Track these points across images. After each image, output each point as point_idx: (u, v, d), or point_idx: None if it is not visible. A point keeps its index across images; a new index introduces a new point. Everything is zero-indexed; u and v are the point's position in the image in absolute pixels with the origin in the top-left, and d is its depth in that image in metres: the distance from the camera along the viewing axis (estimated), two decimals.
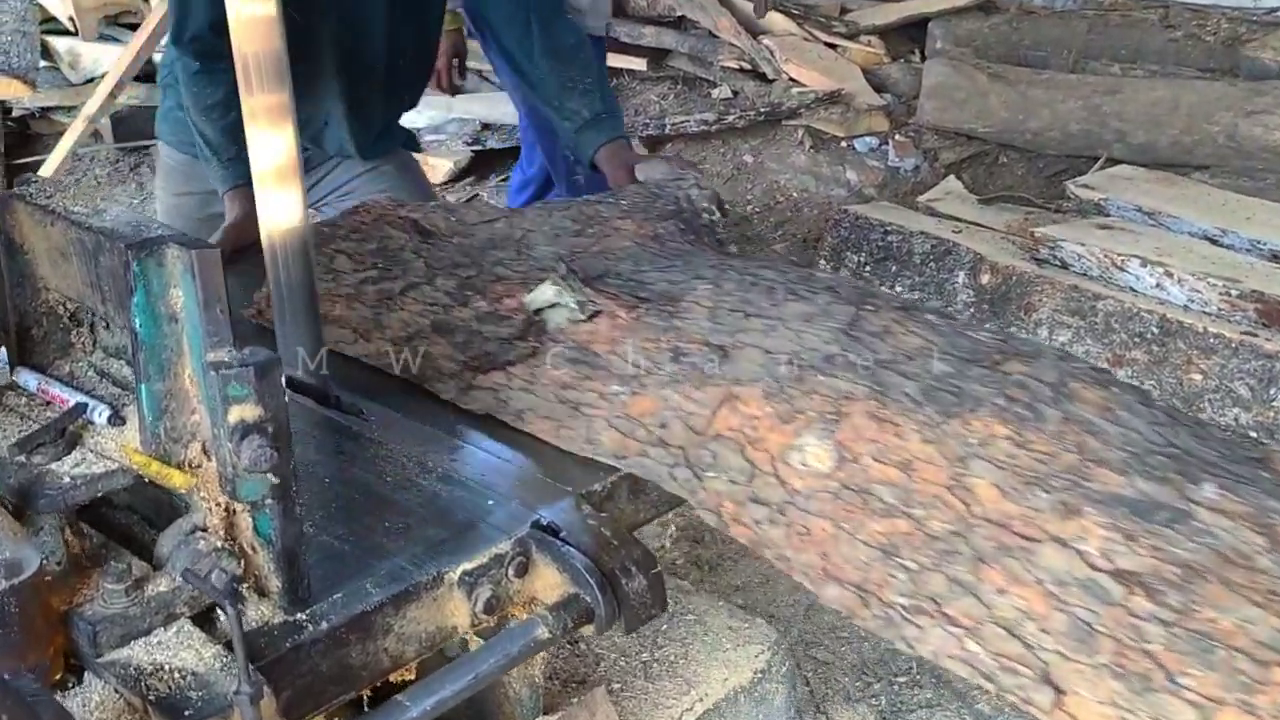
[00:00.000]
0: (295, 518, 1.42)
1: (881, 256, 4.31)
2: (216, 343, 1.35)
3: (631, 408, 1.72)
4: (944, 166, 5.45)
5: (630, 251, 2.08)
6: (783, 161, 5.81)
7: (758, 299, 1.84)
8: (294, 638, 1.43)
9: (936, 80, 5.60)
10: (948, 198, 4.89)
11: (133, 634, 1.36)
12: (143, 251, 1.34)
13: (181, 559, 1.41)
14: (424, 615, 1.53)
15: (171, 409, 1.40)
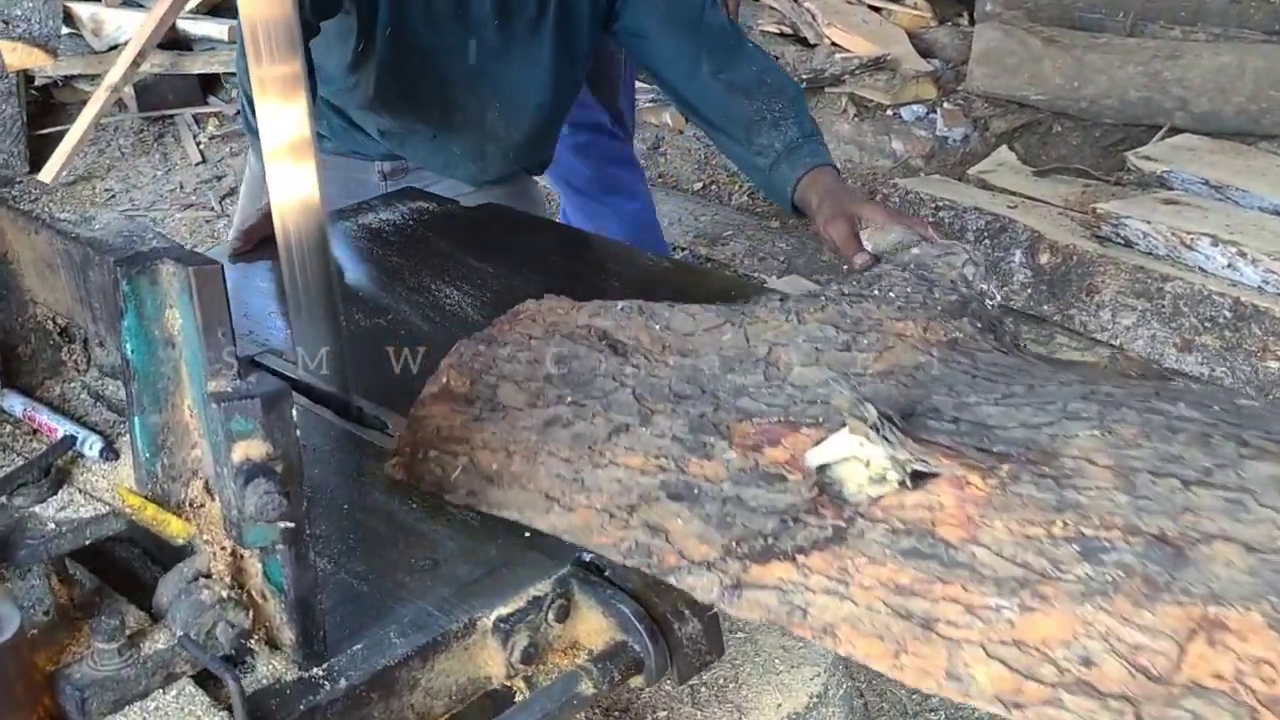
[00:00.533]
0: (309, 564, 1.26)
1: None
2: (218, 370, 1.19)
3: (1024, 631, 1.13)
4: (995, 136, 5.23)
5: (935, 372, 1.44)
6: (826, 130, 5.55)
7: (1190, 454, 1.19)
8: (309, 698, 1.27)
9: (987, 45, 5.38)
10: (1000, 169, 4.70)
11: (127, 698, 1.21)
12: (134, 268, 1.17)
13: (182, 611, 1.25)
14: (454, 667, 1.38)
15: (169, 444, 1.24)
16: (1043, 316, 3.86)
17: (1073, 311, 3.78)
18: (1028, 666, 1.11)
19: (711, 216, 4.92)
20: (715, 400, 1.47)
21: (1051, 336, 3.82)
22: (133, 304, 1.18)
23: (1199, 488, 1.14)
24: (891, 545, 1.22)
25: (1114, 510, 1.15)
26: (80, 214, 1.29)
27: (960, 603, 1.16)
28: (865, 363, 1.49)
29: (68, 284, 1.29)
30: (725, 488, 1.35)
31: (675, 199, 5.15)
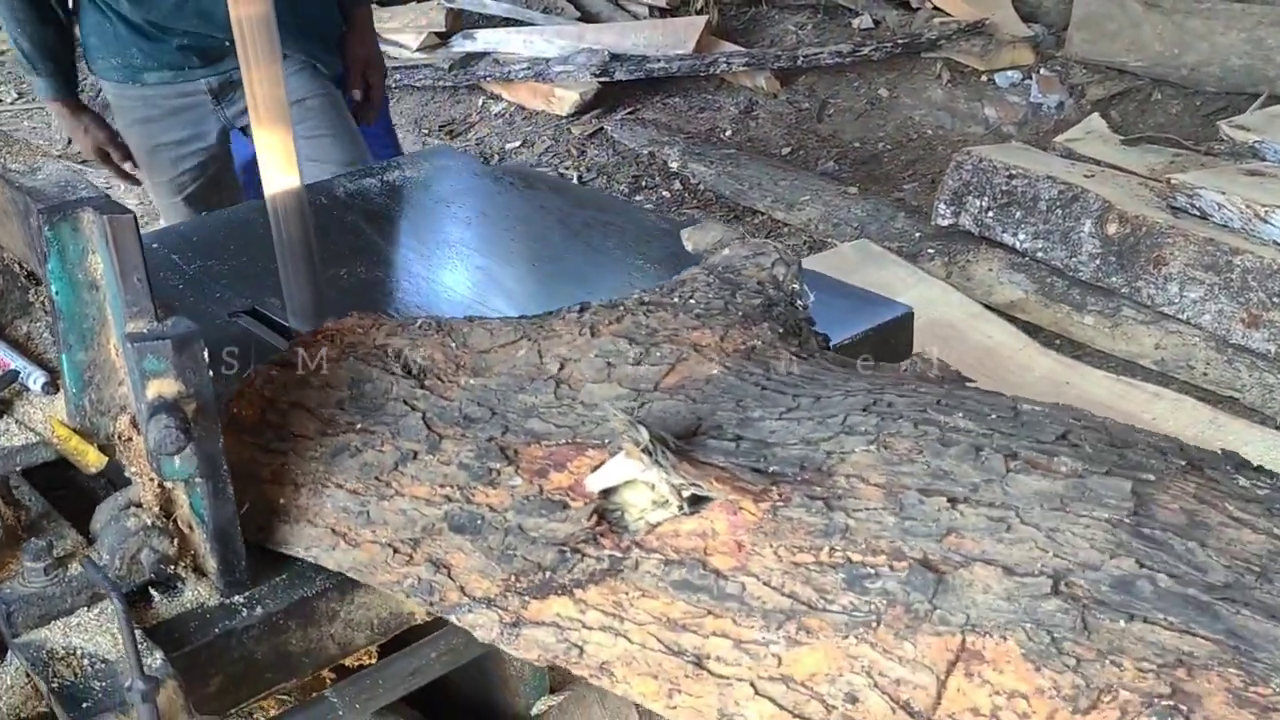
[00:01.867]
0: (227, 497, 1.34)
1: (1005, 202, 4.05)
2: (136, 313, 1.27)
3: (792, 666, 1.09)
4: (1090, 103, 5.10)
5: (725, 383, 1.39)
6: (918, 96, 5.53)
7: (960, 469, 1.16)
8: (226, 623, 1.36)
9: (1087, 9, 5.23)
10: (1088, 138, 4.58)
11: (52, 614, 1.31)
12: (56, 215, 1.26)
13: (110, 536, 1.35)
14: (374, 602, 1.45)
15: (96, 380, 1.33)
16: (1110, 288, 3.78)
17: (1140, 284, 3.69)
18: (795, 704, 1.07)
19: (791, 181, 4.91)
20: (505, 422, 1.41)
21: (1118, 309, 3.74)
22: (55, 248, 1.27)
23: (965, 506, 1.12)
24: (664, 576, 1.18)
25: (881, 533, 1.12)
26: (30, 165, 1.39)
27: (730, 637, 1.12)
28: (656, 377, 1.43)
29: (19, 230, 1.39)
30: (509, 517, 1.30)
31: (758, 163, 5.14)
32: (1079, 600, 1.01)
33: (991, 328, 3.65)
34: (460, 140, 5.87)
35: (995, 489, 1.12)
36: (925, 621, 1.05)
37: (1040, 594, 1.02)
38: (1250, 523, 1.05)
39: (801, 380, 1.39)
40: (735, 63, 5.80)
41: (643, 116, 5.79)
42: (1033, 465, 1.13)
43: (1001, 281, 3.99)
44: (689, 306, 1.57)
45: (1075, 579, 1.03)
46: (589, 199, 2.65)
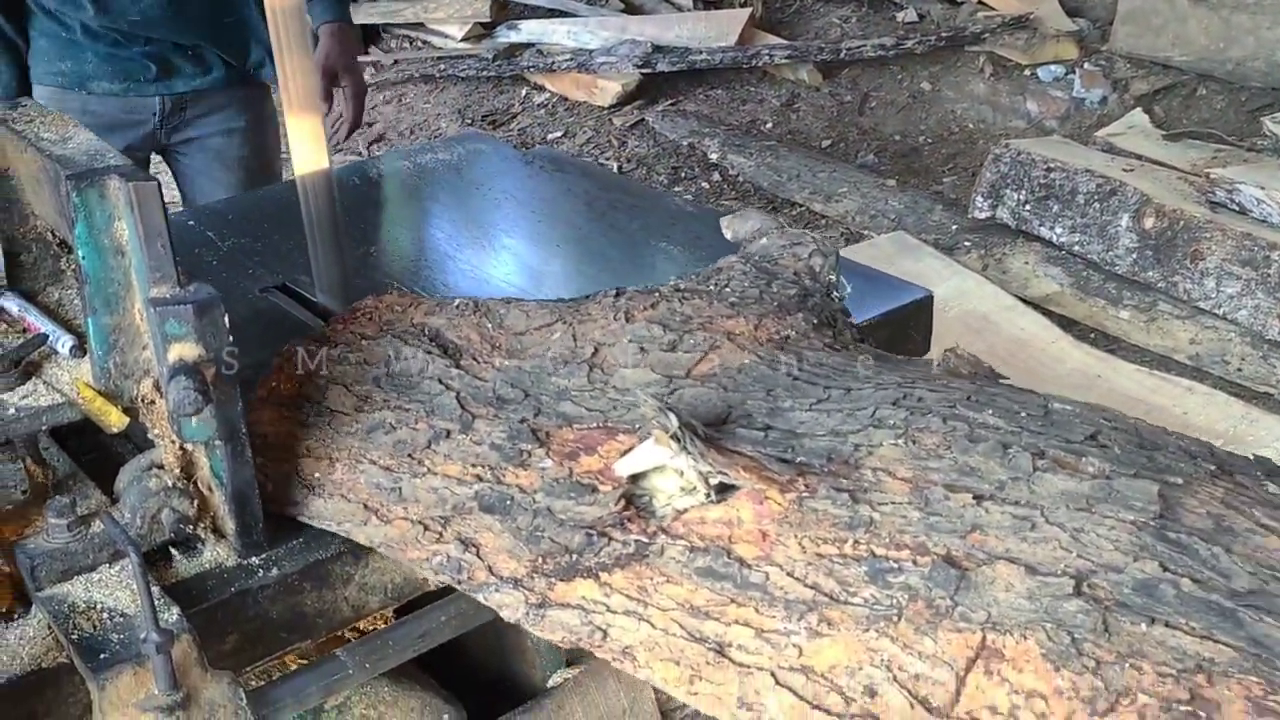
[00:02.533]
0: (246, 459, 1.38)
1: (1042, 195, 4.04)
2: (159, 278, 1.31)
3: (812, 657, 1.09)
4: (1134, 98, 5.06)
5: (756, 372, 1.39)
6: (960, 90, 5.51)
7: (987, 466, 1.15)
8: (242, 582, 1.40)
9: (1133, 4, 5.20)
10: (1130, 132, 4.56)
11: (74, 570, 1.35)
12: (83, 182, 1.30)
13: (132, 495, 1.39)
14: (389, 566, 1.48)
15: (121, 344, 1.37)
16: (1146, 283, 3.76)
17: (1177, 279, 3.66)
18: (815, 695, 1.06)
19: (830, 173, 4.91)
20: (538, 404, 1.42)
21: (1154, 303, 3.72)
22: (83, 214, 1.31)
23: (990, 503, 1.11)
24: (689, 564, 1.18)
25: (905, 528, 1.12)
26: (60, 134, 1.43)
27: (752, 626, 1.12)
28: (689, 364, 1.43)
29: (51, 198, 1.43)
30: (538, 498, 1.30)
31: (798, 155, 5.15)
32: (1101, 602, 1.00)
33: (1025, 320, 3.64)
34: (503, 131, 5.91)
35: (1021, 487, 1.11)
36: (946, 617, 1.04)
37: (1062, 594, 1.01)
38: (1278, 530, 1.03)
39: (833, 372, 1.38)
40: (778, 55, 5.80)
41: (684, 108, 5.81)
42: (1060, 465, 1.12)
43: (1037, 275, 3.98)
44: (724, 295, 1.57)
45: (1098, 580, 1.01)
46: (616, 183, 2.68)
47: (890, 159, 5.22)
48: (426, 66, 6.45)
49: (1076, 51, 5.38)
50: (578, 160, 2.65)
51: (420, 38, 6.85)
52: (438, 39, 6.72)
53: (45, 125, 1.46)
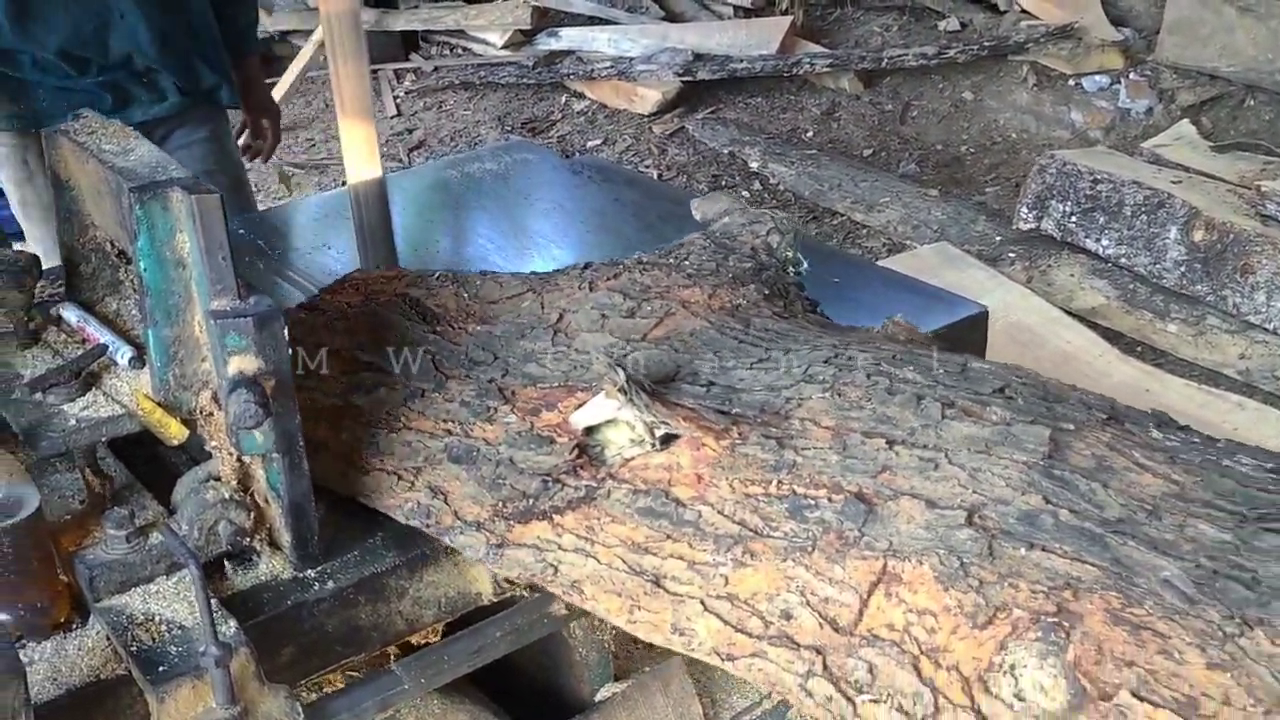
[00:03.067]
0: (303, 472, 1.38)
1: (1089, 207, 4.00)
2: (220, 291, 1.31)
3: (737, 585, 1.20)
4: (1181, 109, 5.02)
5: (706, 337, 1.50)
6: (1003, 100, 5.47)
7: (902, 415, 1.27)
8: (298, 595, 1.39)
9: (1180, 13, 5.15)
10: (1177, 144, 4.51)
11: (132, 581, 1.35)
12: (146, 194, 1.30)
13: (189, 507, 1.39)
14: (443, 580, 1.48)
15: (180, 356, 1.37)
16: (1195, 296, 3.72)
17: (1226, 292, 3.62)
18: (738, 620, 1.17)
19: (872, 183, 4.88)
20: (506, 366, 1.52)
21: (1202, 317, 3.68)
22: (145, 226, 1.31)
23: (901, 447, 1.22)
24: (631, 505, 1.29)
25: (824, 469, 1.23)
26: (121, 146, 1.43)
27: (685, 559, 1.23)
28: (645, 329, 1.54)
29: (111, 209, 1.43)
30: (501, 450, 1.40)
31: (839, 164, 5.13)
32: (988, 530, 1.11)
33: (1071, 333, 3.61)
34: (542, 138, 5.91)
35: (930, 433, 1.23)
36: (854, 547, 1.16)
37: (955, 525, 1.13)
38: (1152, 469, 1.14)
39: (777, 336, 1.50)
40: (819, 63, 5.78)
41: (724, 116, 5.80)
42: (966, 413, 1.24)
43: (1083, 287, 3.94)
44: (683, 267, 1.69)
45: (988, 512, 1.13)
46: (663, 193, 2.67)
47: (932, 168, 5.19)
48: (467, 73, 6.47)
49: (1122, 61, 5.33)
50: (625, 169, 2.64)
51: (461, 44, 6.87)
52: (478, 45, 6.75)
53: (107, 137, 1.46)
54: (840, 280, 1.97)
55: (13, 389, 1.43)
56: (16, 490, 1.28)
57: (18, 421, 1.38)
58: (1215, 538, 1.06)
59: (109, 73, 2.46)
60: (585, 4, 6.71)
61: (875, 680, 1.10)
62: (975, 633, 1.06)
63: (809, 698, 1.13)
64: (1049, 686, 1.00)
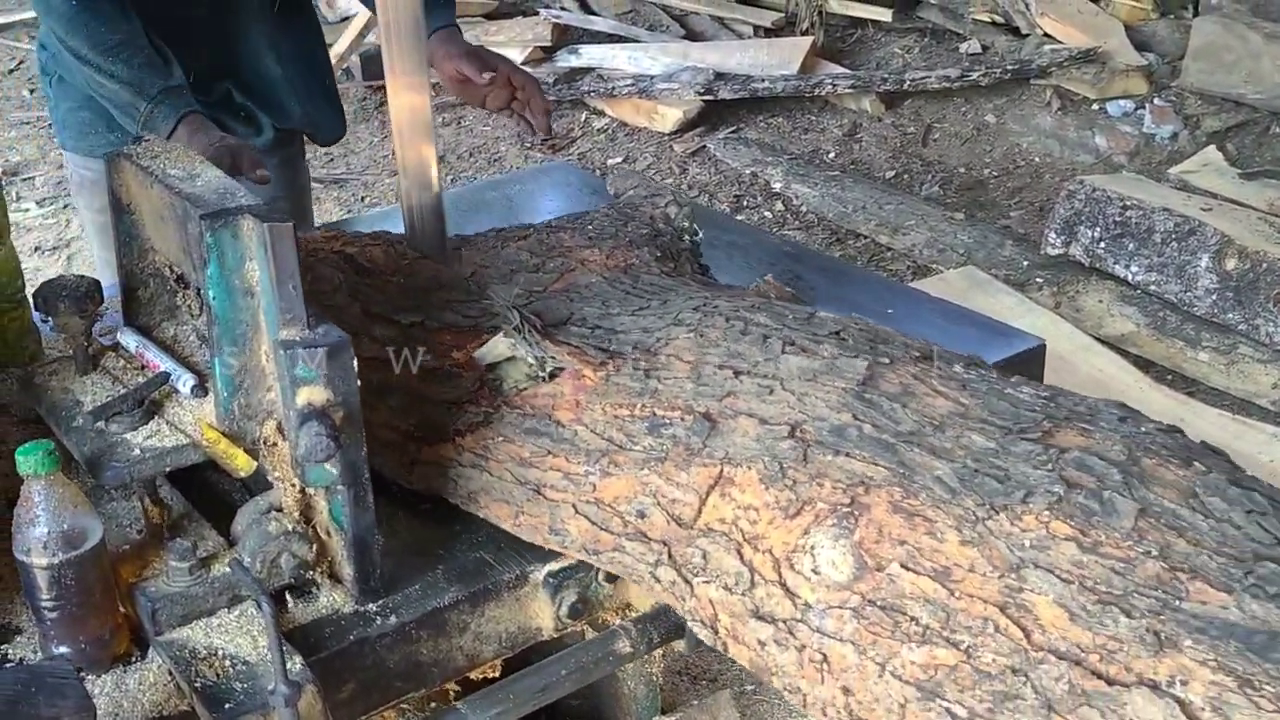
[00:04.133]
0: (367, 505, 1.36)
1: (1118, 233, 3.98)
2: (290, 320, 1.29)
3: (603, 491, 1.42)
4: (1205, 135, 5.00)
5: (598, 289, 1.73)
6: (1026, 123, 5.46)
7: (749, 351, 1.48)
8: (361, 630, 1.37)
9: (1205, 39, 5.14)
10: (1204, 170, 4.50)
11: (194, 614, 1.33)
12: (217, 221, 1.29)
13: (251, 539, 1.36)
14: (504, 615, 1.45)
15: (246, 385, 1.35)
16: (1226, 325, 3.69)
17: (1259, 321, 3.60)
18: (603, 520, 1.41)
19: (897, 205, 4.87)
20: (425, 313, 1.71)
21: (1234, 346, 3.65)
22: (215, 254, 1.29)
23: (745, 377, 1.44)
24: (519, 425, 1.52)
25: (680, 395, 1.45)
26: (187, 171, 1.41)
27: (561, 470, 1.46)
28: (547, 282, 1.80)
29: (175, 234, 1.41)
30: (416, 384, 1.60)
31: (863, 186, 5.11)
32: (805, 441, 1.33)
33: (1102, 361, 3.59)
34: (562, 155, 5.90)
35: (770, 365, 1.45)
36: (697, 457, 1.38)
37: (780, 437, 1.35)
38: (945, 394, 1.36)
39: (661, 290, 1.73)
40: (840, 84, 5.78)
41: (745, 136, 5.79)
42: (803, 350, 1.46)
43: (1112, 314, 3.92)
44: (586, 231, 1.94)
45: (807, 427, 1.35)
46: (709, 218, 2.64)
47: (955, 191, 5.17)
48: None
49: (1146, 86, 5.32)
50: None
51: None
52: None
53: (171, 161, 1.44)
54: (894, 312, 1.95)
55: (74, 416, 1.41)
56: (81, 520, 1.26)
57: (80, 450, 1.36)
58: (982, 445, 1.27)
59: (210, 108, 2.24)
60: (606, 22, 6.71)
61: (708, 565, 1.33)
62: (786, 522, 1.29)
63: (657, 583, 1.37)
64: (839, 562, 1.24)
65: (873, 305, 2.01)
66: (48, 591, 1.26)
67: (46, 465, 1.23)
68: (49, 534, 1.24)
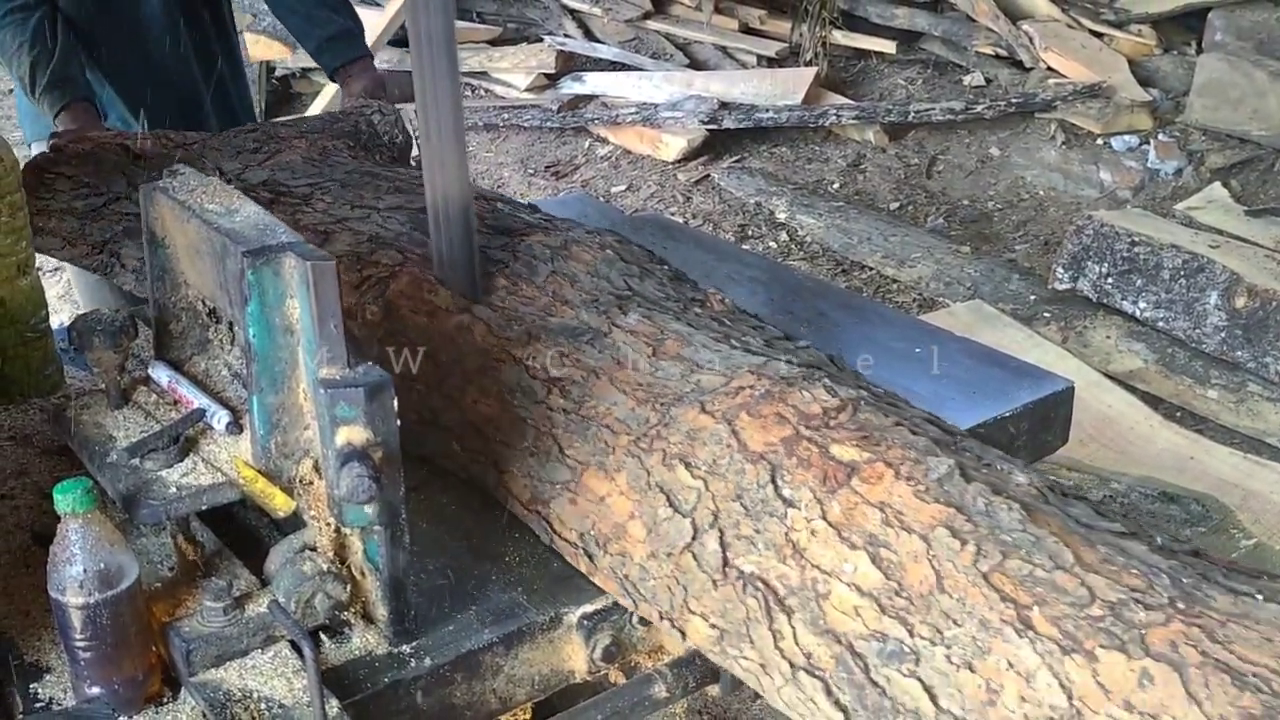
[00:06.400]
0: (404, 546, 1.35)
1: (1126, 269, 3.99)
2: (330, 359, 1.28)
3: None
4: (1210, 171, 5.01)
5: (297, 166, 2.23)
6: (1031, 157, 5.47)
7: (364, 194, 2.03)
8: (395, 672, 1.36)
9: (1209, 76, 5.16)
10: (1210, 206, 4.51)
11: (228, 655, 1.31)
12: (259, 259, 1.27)
13: (286, 579, 1.35)
14: (537, 658, 1.44)
15: (284, 423, 1.34)
16: (1235, 363, 3.70)
17: (1268, 359, 3.60)
18: None
19: (902, 238, 4.87)
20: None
21: (1243, 383, 3.65)
22: (256, 292, 1.28)
23: (356, 206, 2.03)
24: None
25: (313, 220, 1.98)
26: (226, 206, 1.40)
27: None
28: (263, 159, 2.28)
29: (211, 269, 1.40)
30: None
31: (868, 217, 5.11)
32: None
33: (1112, 397, 3.58)
34: (565, 182, 5.90)
35: (371, 200, 2.06)
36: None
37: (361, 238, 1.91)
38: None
39: (340, 169, 2.22)
40: (845, 115, 5.79)
41: (749, 165, 5.79)
42: (396, 189, 2.13)
43: (1120, 350, 3.92)
44: (300, 128, 2.47)
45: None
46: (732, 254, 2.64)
47: (960, 224, 5.18)
48: (489, 115, 6.46)
49: (1151, 122, 5.34)
50: (690, 229, 2.62)
51: (484, 86, 6.87)
52: (501, 88, 6.74)
53: (209, 195, 1.43)
54: (921, 351, 1.94)
55: (109, 452, 1.39)
56: (117, 558, 1.24)
57: (115, 487, 1.35)
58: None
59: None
60: (610, 50, 6.72)
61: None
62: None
63: None
64: None
65: (895, 344, 2.00)
66: (82, 631, 1.24)
67: (84, 503, 1.21)
68: (85, 573, 1.22)
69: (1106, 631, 1.04)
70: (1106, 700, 1.01)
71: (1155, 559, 1.10)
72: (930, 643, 1.11)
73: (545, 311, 1.68)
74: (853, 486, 1.24)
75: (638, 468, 1.41)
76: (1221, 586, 1.07)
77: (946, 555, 1.15)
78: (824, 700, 1.17)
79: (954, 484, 1.20)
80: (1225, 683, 0.97)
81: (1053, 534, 1.14)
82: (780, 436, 1.33)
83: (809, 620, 1.20)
